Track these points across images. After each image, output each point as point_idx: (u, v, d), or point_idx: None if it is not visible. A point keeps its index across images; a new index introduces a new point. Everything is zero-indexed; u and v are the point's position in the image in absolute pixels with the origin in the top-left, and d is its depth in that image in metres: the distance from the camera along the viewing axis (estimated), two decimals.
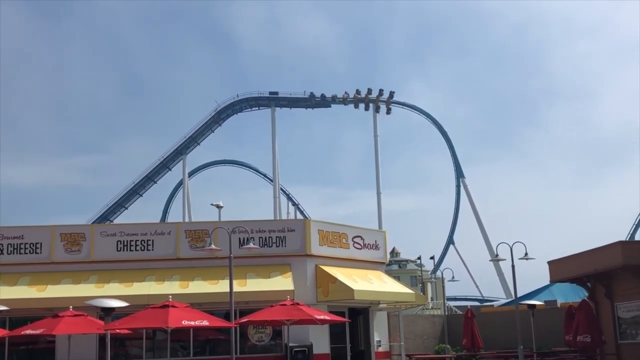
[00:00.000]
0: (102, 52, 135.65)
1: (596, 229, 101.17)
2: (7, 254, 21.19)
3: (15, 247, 21.27)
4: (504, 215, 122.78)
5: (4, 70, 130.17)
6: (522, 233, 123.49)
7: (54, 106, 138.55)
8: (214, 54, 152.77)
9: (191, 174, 73.43)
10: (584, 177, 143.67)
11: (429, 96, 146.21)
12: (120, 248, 21.45)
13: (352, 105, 73.24)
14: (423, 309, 46.06)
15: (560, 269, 25.58)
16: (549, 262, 26.26)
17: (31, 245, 21.33)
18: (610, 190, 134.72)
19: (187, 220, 63.37)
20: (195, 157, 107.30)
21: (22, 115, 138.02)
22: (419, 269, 71.22)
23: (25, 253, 21.28)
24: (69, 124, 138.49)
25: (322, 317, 18.44)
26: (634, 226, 69.25)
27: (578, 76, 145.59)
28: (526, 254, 22.75)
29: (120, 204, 69.08)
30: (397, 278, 39.26)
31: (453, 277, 34.32)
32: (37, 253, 21.30)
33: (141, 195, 70.33)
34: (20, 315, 19.74)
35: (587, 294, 25.83)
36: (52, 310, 18.57)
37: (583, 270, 24.04)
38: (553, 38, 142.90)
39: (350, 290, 20.44)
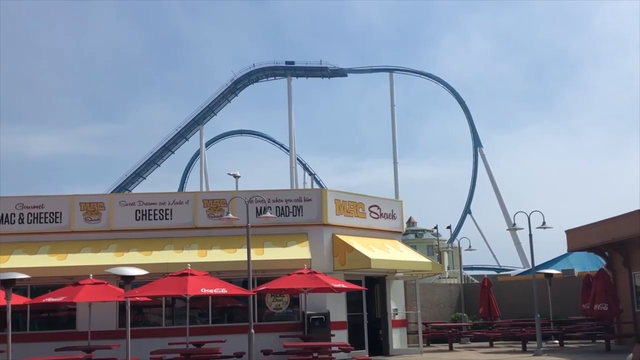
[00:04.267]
0: (127, 5, 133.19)
1: (622, 196, 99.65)
2: (28, 223, 21.39)
3: (36, 216, 21.48)
4: (528, 183, 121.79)
5: (23, 27, 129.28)
6: (544, 201, 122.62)
7: (75, 66, 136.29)
8: (248, 8, 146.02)
9: (208, 144, 73.68)
10: (617, 142, 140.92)
11: (465, 52, 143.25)
12: (139, 217, 21.60)
13: (369, 74, 73.03)
14: (440, 278, 46.20)
15: (578, 238, 25.52)
16: (567, 231, 26.20)
17: (51, 214, 21.53)
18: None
19: (204, 189, 63.69)
20: (213, 127, 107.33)
21: (42, 77, 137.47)
22: (436, 238, 71.33)
23: (46, 222, 21.47)
24: (90, 86, 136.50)
25: (339, 285, 18.54)
26: None
27: (621, 33, 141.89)
28: (544, 222, 22.65)
29: (139, 174, 69.62)
30: (414, 247, 39.36)
31: (470, 247, 34.39)
32: (57, 222, 21.48)
33: (159, 165, 70.82)
34: (41, 283, 20.00)
35: (604, 263, 25.80)
36: (72, 279, 18.77)
37: (601, 239, 23.97)
38: None
39: (367, 259, 20.51)
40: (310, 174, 73.01)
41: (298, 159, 70.80)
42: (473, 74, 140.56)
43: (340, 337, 20.75)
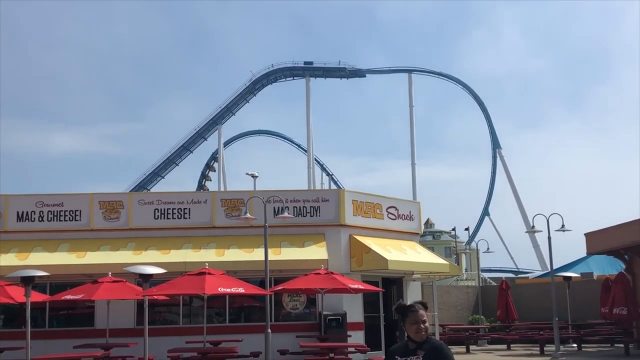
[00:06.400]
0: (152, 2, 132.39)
1: None
2: (48, 221, 21.58)
3: (55, 214, 21.67)
4: (551, 183, 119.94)
5: (46, 21, 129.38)
6: (566, 202, 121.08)
7: (97, 61, 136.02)
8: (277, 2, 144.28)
9: (226, 143, 73.83)
10: None
11: (496, 49, 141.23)
12: (158, 216, 21.72)
13: (388, 75, 72.87)
14: (457, 280, 46.04)
15: (598, 241, 25.31)
16: (586, 234, 25.99)
17: (71, 212, 21.70)
18: None
19: (222, 189, 63.86)
20: (231, 126, 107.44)
21: (64, 73, 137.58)
22: (454, 240, 70.94)
23: (65, 220, 21.65)
24: (112, 83, 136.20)
25: (356, 286, 18.52)
26: None
27: None
28: (563, 225, 22.51)
29: (157, 173, 69.89)
30: (431, 249, 39.27)
31: (488, 249, 34.28)
32: (77, 220, 21.66)
33: (177, 165, 71.04)
34: (60, 280, 20.14)
35: (624, 267, 25.56)
36: (91, 276, 18.93)
37: (620, 242, 23.76)
38: None
39: (384, 260, 20.48)
40: (328, 174, 73.04)
41: (316, 159, 70.80)
42: (504, 71, 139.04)
43: (357, 337, 20.73)
